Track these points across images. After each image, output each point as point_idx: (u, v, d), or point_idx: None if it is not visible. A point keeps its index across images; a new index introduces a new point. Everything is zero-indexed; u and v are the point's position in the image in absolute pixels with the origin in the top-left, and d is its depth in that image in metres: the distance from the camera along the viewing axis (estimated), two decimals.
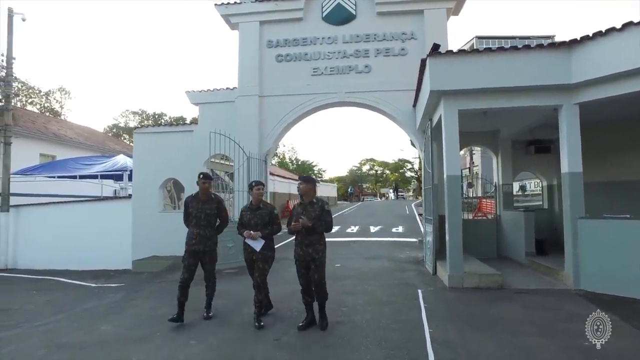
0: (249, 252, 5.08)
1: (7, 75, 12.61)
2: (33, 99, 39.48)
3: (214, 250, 5.43)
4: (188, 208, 5.38)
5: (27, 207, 12.52)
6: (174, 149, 10.75)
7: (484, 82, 6.61)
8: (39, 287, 8.91)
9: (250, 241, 4.96)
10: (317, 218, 4.70)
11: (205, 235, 5.28)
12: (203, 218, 5.29)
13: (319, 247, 4.78)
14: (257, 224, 5.02)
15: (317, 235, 4.75)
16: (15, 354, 4.38)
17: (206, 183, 5.34)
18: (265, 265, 5.03)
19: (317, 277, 4.74)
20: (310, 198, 4.81)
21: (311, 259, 4.72)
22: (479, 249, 9.07)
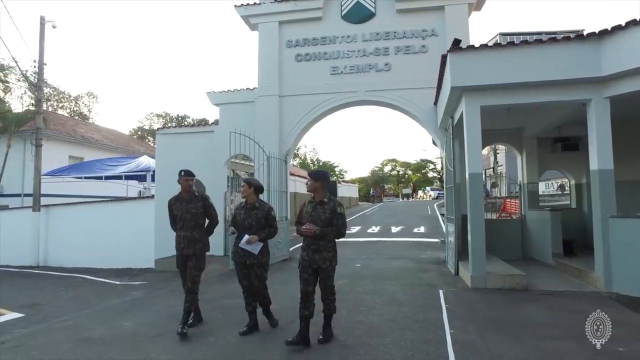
0: (241, 256, 4.56)
1: (39, 81, 13.07)
2: (63, 104, 40.87)
3: (202, 254, 4.91)
4: (172, 210, 4.94)
5: (57, 206, 12.94)
6: (195, 149, 10.89)
7: (507, 77, 6.42)
8: (67, 284, 9.19)
9: (246, 245, 4.48)
10: (326, 220, 4.12)
11: (192, 238, 4.82)
12: (189, 219, 4.84)
13: (327, 254, 4.17)
14: (251, 225, 4.53)
15: (326, 240, 4.18)
16: (43, 347, 4.51)
17: (188, 180, 4.89)
18: (262, 271, 4.61)
19: (324, 287, 4.23)
20: (322, 197, 4.25)
21: (318, 266, 4.17)
22: (504, 250, 8.86)
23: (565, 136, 9.80)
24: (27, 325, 5.50)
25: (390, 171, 72.12)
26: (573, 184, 11.07)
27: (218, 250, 10.12)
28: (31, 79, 14.00)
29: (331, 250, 4.21)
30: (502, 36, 28.41)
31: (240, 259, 4.58)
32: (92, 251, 11.64)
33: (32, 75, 14.09)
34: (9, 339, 4.84)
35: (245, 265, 4.57)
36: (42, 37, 12.72)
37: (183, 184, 4.86)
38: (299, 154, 53.03)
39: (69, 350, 4.38)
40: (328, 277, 4.24)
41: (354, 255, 10.52)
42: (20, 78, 25.38)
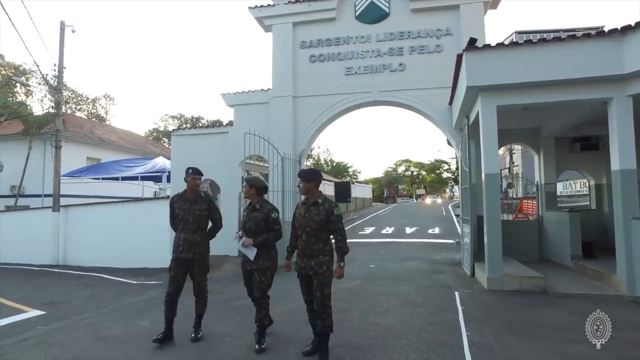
0: (244, 262, 4.30)
1: (58, 84, 13.34)
2: (81, 106, 41.73)
3: (205, 258, 4.60)
4: (174, 209, 4.61)
5: (75, 207, 13.18)
6: (210, 150, 10.99)
7: (524, 76, 6.32)
8: (85, 282, 9.34)
9: (244, 249, 4.19)
10: (320, 223, 3.79)
11: (194, 241, 4.48)
12: (191, 220, 4.49)
13: (324, 258, 3.83)
14: (250, 228, 4.19)
15: (322, 243, 3.84)
16: (63, 344, 4.61)
17: (196, 178, 4.57)
18: (262, 278, 4.16)
19: (320, 295, 3.77)
20: (316, 197, 3.91)
21: (314, 272, 3.80)
22: (520, 251, 8.73)
23: (584, 135, 9.60)
24: (48, 322, 5.61)
25: (404, 172, 71.79)
26: (592, 184, 10.82)
27: (233, 250, 10.20)
28: (51, 83, 14.31)
29: (328, 254, 3.86)
30: (518, 34, 28.06)
31: (244, 264, 4.33)
32: (109, 251, 11.82)
33: (52, 79, 14.43)
34: (31, 336, 4.95)
35: (248, 270, 4.29)
36: (62, 41, 12.98)
37: (190, 182, 4.55)
38: (313, 155, 53.10)
39: (88, 348, 4.45)
40: (324, 283, 3.81)
41: (368, 256, 10.49)
42: (41, 82, 26.09)
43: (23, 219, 14.09)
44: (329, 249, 3.88)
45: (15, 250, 13.01)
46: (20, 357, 4.24)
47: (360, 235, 15.66)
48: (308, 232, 3.83)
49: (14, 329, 5.30)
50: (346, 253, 3.81)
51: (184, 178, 4.63)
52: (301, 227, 3.87)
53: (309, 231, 3.83)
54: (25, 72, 27.00)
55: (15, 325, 5.54)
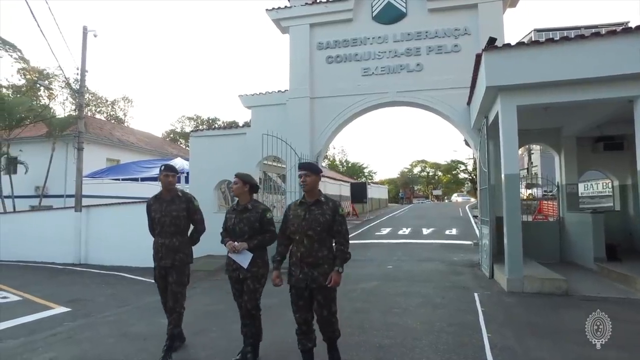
0: (233, 269, 3.78)
1: (81, 87, 13.68)
2: (101, 108, 42.67)
3: (184, 265, 4.11)
4: (151, 212, 4.20)
5: (96, 207, 13.49)
6: (228, 151, 11.12)
7: (546, 76, 6.22)
8: (107, 281, 9.55)
9: (234, 255, 3.72)
10: (326, 224, 3.28)
11: (172, 246, 4.04)
12: (168, 223, 4.05)
13: (330, 268, 3.26)
14: (242, 230, 3.74)
15: (326, 250, 3.30)
16: (90, 340, 4.75)
17: (169, 176, 4.09)
18: (257, 285, 3.75)
19: (326, 314, 3.27)
20: (316, 195, 3.37)
21: (316, 286, 3.24)
22: (540, 253, 8.61)
23: (607, 135, 9.39)
24: (74, 319, 5.77)
25: (420, 172, 71.26)
26: (617, 185, 10.57)
27: None
28: (73, 86, 14.68)
29: (333, 262, 3.30)
30: (537, 32, 27.64)
31: (233, 272, 3.80)
32: (128, 250, 12.04)
33: (73, 82, 14.81)
34: (60, 331, 5.13)
35: (238, 279, 3.79)
36: (84, 46, 13.30)
37: (162, 180, 4.08)
38: (328, 155, 53.14)
39: (113, 344, 4.57)
40: (331, 299, 3.29)
41: (385, 257, 10.47)
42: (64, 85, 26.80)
43: (46, 218, 14.49)
44: (334, 256, 3.33)
45: (39, 248, 13.39)
46: (50, 351, 4.38)
47: (376, 236, 15.62)
48: (311, 236, 3.27)
49: (43, 325, 5.48)
50: (348, 260, 3.33)
51: (158, 177, 4.23)
52: (300, 231, 3.29)
53: (311, 235, 3.26)
54: (49, 76, 27.77)
55: (44, 320, 5.73)
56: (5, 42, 21.89)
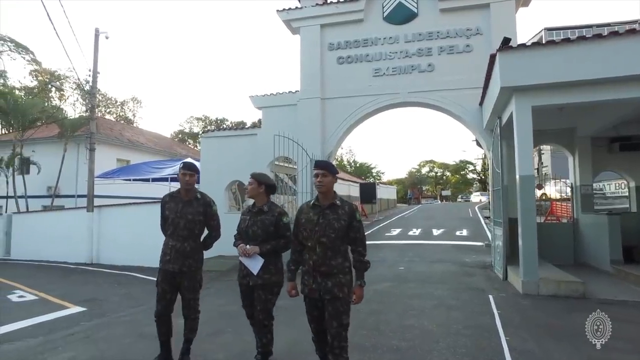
0: (244, 275, 3.55)
1: (92, 88, 13.81)
2: (110, 109, 43.13)
3: (196, 271, 3.85)
4: (164, 210, 3.92)
5: (108, 207, 13.62)
6: (239, 151, 11.15)
7: (561, 76, 6.16)
8: (119, 281, 9.63)
9: (245, 259, 3.49)
10: (341, 230, 3.00)
11: (183, 251, 3.77)
12: (182, 226, 3.78)
13: (344, 278, 3.01)
14: (256, 234, 3.51)
15: (341, 258, 3.03)
16: (107, 340, 4.79)
17: (187, 175, 3.79)
18: (269, 295, 3.50)
19: (336, 326, 2.93)
20: (331, 198, 3.09)
21: (331, 297, 2.96)
22: (554, 255, 8.52)
23: (624, 135, 9.26)
24: (90, 318, 5.83)
25: (428, 172, 70.99)
26: (633, 186, 10.42)
27: None
28: (84, 87, 14.83)
29: (349, 272, 3.05)
30: (547, 31, 27.37)
31: (243, 279, 3.56)
32: (139, 250, 12.11)
33: (84, 83, 14.96)
34: (77, 331, 5.18)
35: (248, 287, 3.55)
36: (96, 48, 13.42)
37: (180, 178, 3.81)
38: (336, 156, 53.20)
39: (130, 344, 4.60)
40: (343, 311, 2.97)
41: (397, 258, 10.44)
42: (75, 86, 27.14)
43: (59, 218, 14.65)
44: (350, 265, 3.09)
45: (52, 248, 13.55)
46: (70, 350, 4.42)
47: (387, 236, 15.58)
48: (324, 243, 2.99)
49: (60, 324, 5.54)
50: (367, 269, 3.07)
51: (177, 175, 3.97)
52: (313, 237, 3.03)
53: (325, 242, 2.99)
54: (60, 78, 28.14)
55: (61, 320, 5.79)
56: (19, 44, 22.28)
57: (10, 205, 17.94)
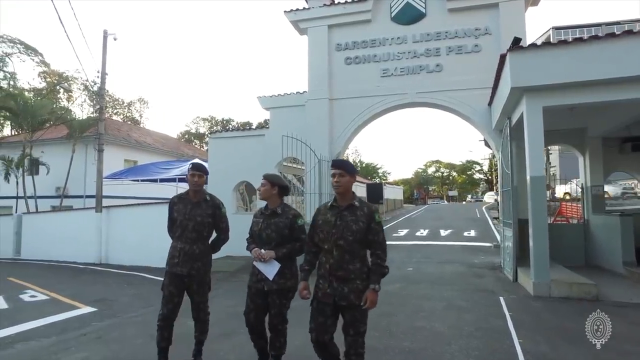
0: (258, 280, 3.40)
1: (101, 89, 13.91)
2: (117, 110, 43.41)
3: (205, 275, 3.80)
4: (172, 212, 3.83)
5: (116, 208, 13.71)
6: (246, 152, 11.17)
7: (573, 76, 6.10)
8: (128, 281, 9.69)
9: (260, 264, 3.36)
10: (360, 233, 2.85)
11: (192, 254, 3.69)
12: (191, 228, 3.71)
13: (362, 284, 2.84)
14: (270, 237, 3.39)
15: (359, 262, 2.87)
16: (119, 341, 4.81)
17: (196, 175, 3.71)
18: (284, 300, 3.39)
19: (353, 334, 2.82)
20: (349, 199, 2.96)
21: (347, 304, 2.82)
22: (564, 256, 8.43)
23: (636, 135, 9.15)
24: (101, 319, 5.86)
25: (435, 173, 70.77)
26: None
27: None
28: (92, 89, 14.95)
29: (367, 277, 2.87)
30: (555, 30, 27.17)
31: (257, 283, 3.42)
32: (147, 250, 12.17)
33: (91, 84, 15.07)
34: (89, 331, 5.21)
35: (261, 292, 3.40)
36: (104, 49, 13.53)
37: (189, 179, 3.73)
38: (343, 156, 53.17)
39: (142, 345, 4.62)
40: (361, 319, 2.83)
41: (405, 259, 10.41)
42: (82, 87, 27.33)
43: (68, 219, 14.78)
44: (368, 270, 2.91)
45: (61, 248, 13.68)
46: (82, 351, 4.45)
47: (394, 237, 15.54)
48: (341, 246, 2.86)
49: (72, 324, 5.58)
50: (385, 275, 2.89)
51: (185, 177, 3.90)
52: (330, 240, 2.89)
53: (342, 245, 2.85)
54: (68, 79, 28.36)
55: (73, 320, 5.84)
56: (28, 46, 22.50)
57: (20, 205, 18.13)
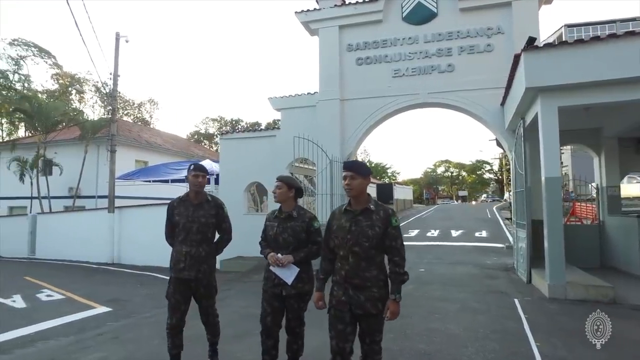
0: (275, 284, 3.31)
1: (113, 91, 14.06)
2: (128, 111, 43.86)
3: (211, 276, 3.73)
4: (173, 216, 3.71)
5: (128, 208, 13.84)
6: (258, 153, 11.19)
7: (590, 75, 6.01)
8: (141, 281, 9.78)
9: (277, 269, 3.27)
10: (376, 238, 2.68)
11: (198, 256, 3.60)
12: (195, 230, 3.61)
13: (379, 292, 2.71)
14: (287, 241, 3.30)
15: (376, 269, 2.72)
16: (135, 341, 4.85)
17: (199, 176, 3.63)
18: (302, 304, 3.34)
19: (369, 343, 2.75)
20: (364, 203, 2.78)
21: (363, 312, 2.69)
22: (578, 258, 8.32)
23: None
24: (116, 319, 5.92)
25: (444, 172, 70.38)
26: None
27: None
28: (103, 90, 15.12)
29: (384, 286, 2.74)
30: (567, 28, 26.84)
31: (275, 288, 3.32)
32: (159, 251, 12.17)
33: (104, 87, 15.23)
34: (105, 331, 5.27)
35: (279, 297, 3.32)
36: (117, 51, 13.68)
37: (191, 180, 3.63)
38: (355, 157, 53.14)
39: (158, 345, 4.64)
40: (376, 329, 2.73)
41: (416, 260, 10.36)
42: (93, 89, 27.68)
43: (81, 219, 14.97)
44: (385, 277, 2.78)
45: (74, 248, 13.85)
46: (100, 351, 4.50)
47: (405, 238, 15.34)
48: (357, 252, 2.71)
49: (89, 324, 5.65)
50: (405, 282, 2.74)
51: (185, 177, 3.81)
52: (345, 246, 2.74)
53: (358, 251, 2.71)
54: (80, 81, 28.73)
55: (89, 319, 5.91)
56: (42, 49, 22.88)
57: (34, 205, 18.41)
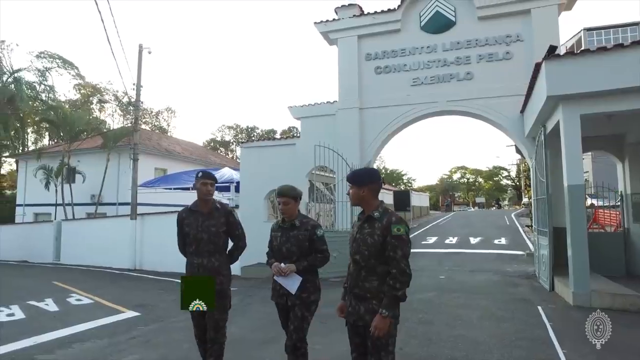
0: (280, 295, 3.29)
1: (137, 101, 14.46)
2: (146, 119, 44.79)
3: (226, 289, 3.56)
4: (183, 227, 3.60)
5: (150, 215, 14.15)
6: (278, 161, 11.35)
7: (613, 83, 6.00)
8: (164, 287, 9.96)
9: (281, 278, 3.23)
10: (374, 247, 2.53)
11: (211, 267, 3.49)
12: (206, 240, 3.50)
13: (377, 305, 2.49)
14: (290, 251, 3.26)
15: (377, 280, 2.54)
16: (166, 345, 5.01)
17: (208, 184, 3.50)
18: (306, 314, 3.22)
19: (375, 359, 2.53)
20: (371, 209, 2.64)
21: (363, 324, 2.56)
22: (602, 266, 8.19)
23: None
24: (146, 323, 6.09)
25: (460, 179, 69.75)
26: None
27: None
28: (124, 100, 15.56)
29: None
30: (586, 32, 26.48)
31: (280, 298, 3.29)
32: (180, 257, 12.44)
33: (122, 95, 15.69)
34: (137, 335, 5.44)
35: (285, 306, 3.29)
36: (140, 62, 14.08)
37: (200, 188, 3.49)
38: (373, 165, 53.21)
39: (189, 349, 4.76)
40: (380, 346, 2.48)
41: (436, 267, 10.37)
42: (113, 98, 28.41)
43: (104, 225, 15.35)
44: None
45: (98, 254, 14.19)
46: (134, 353, 4.68)
47: (423, 245, 15.46)
48: (357, 261, 2.61)
49: (120, 328, 5.83)
50: (400, 299, 2.47)
51: (193, 184, 3.68)
52: (350, 254, 2.70)
53: (358, 260, 2.61)
54: (100, 91, 29.54)
55: (119, 324, 6.09)
56: (66, 61, 23.67)
57: (59, 212, 18.95)
